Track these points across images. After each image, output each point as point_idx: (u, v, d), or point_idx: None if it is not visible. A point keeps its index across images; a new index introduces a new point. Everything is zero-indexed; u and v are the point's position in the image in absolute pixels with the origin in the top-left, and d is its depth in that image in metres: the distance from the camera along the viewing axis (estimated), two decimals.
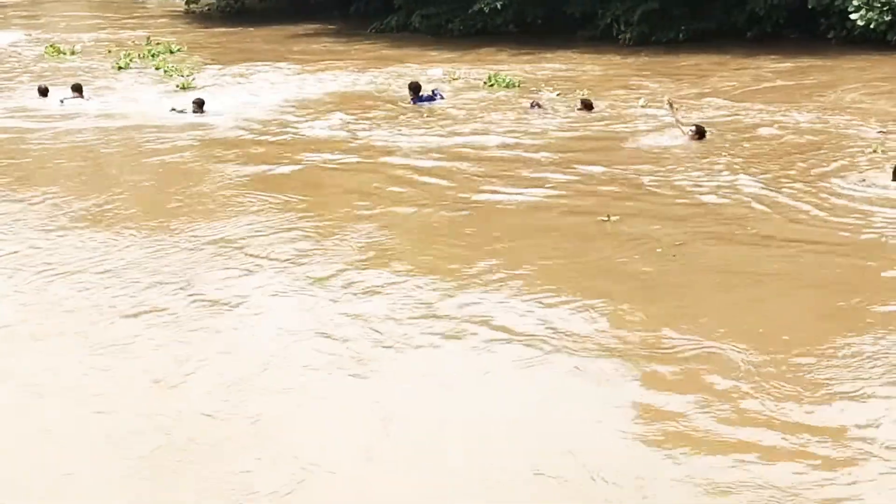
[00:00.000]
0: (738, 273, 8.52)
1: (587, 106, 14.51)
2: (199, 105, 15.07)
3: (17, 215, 10.67)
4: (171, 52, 20.19)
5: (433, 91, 15.72)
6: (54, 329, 7.84)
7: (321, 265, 8.84)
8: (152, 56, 19.88)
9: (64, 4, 30.55)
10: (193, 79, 17.46)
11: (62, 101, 16.04)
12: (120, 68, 19.32)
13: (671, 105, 13.21)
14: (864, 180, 10.90)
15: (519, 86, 16.69)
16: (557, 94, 15.56)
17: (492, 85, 16.58)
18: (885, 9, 18.14)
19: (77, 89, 16.41)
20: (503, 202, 10.70)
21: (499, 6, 21.86)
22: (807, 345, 6.93)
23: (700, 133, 12.82)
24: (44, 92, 16.64)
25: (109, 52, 21.28)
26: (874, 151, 12.19)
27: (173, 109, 15.06)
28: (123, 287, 8.55)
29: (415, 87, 15.55)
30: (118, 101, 16.79)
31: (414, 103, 15.41)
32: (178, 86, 17.20)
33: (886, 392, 6.41)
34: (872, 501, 5.32)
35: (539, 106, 14.65)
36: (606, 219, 9.93)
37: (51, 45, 21.77)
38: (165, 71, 18.30)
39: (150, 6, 29.26)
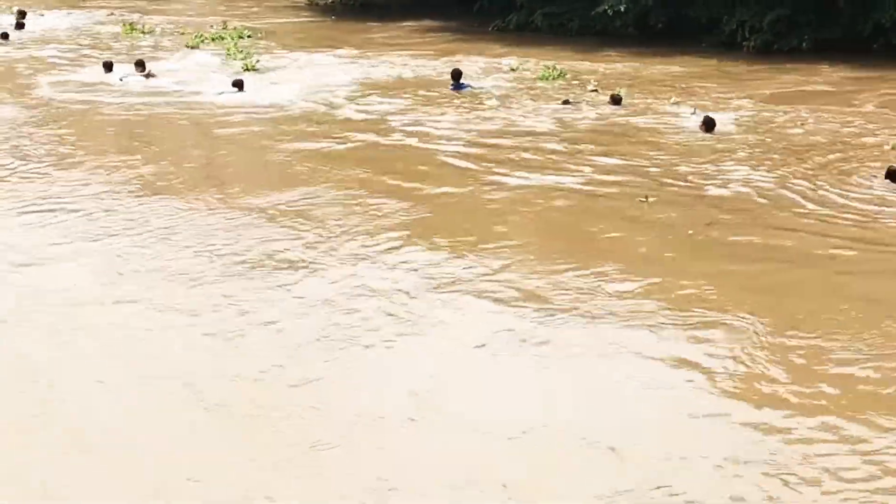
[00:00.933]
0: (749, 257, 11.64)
1: (615, 101, 17.87)
2: (239, 85, 19.36)
3: (83, 182, 14.55)
4: (241, 37, 24.82)
5: (469, 83, 20.05)
6: (119, 291, 10.59)
7: (363, 237, 12.04)
8: (213, 40, 25.02)
9: None
10: (257, 61, 21.79)
11: (121, 79, 20.68)
12: (188, 47, 24.76)
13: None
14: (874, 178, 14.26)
15: (566, 77, 20.96)
16: (593, 90, 18.96)
17: (546, 78, 20.18)
18: None
19: (140, 65, 21.03)
20: (533, 184, 14.29)
21: (622, 8, 25.08)
22: (819, 323, 9.65)
23: (708, 125, 15.96)
24: (109, 67, 21.41)
25: (182, 33, 26.18)
26: (893, 149, 15.52)
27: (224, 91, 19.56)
28: (183, 253, 11.56)
29: (456, 75, 19.61)
30: (181, 79, 22.05)
31: (453, 90, 19.14)
32: (242, 67, 21.64)
33: None
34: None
35: (569, 102, 18.10)
36: (644, 199, 13.37)
37: (129, 24, 26.85)
38: (229, 53, 22.81)
39: None
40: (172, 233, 12.26)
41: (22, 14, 30.11)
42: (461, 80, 20.27)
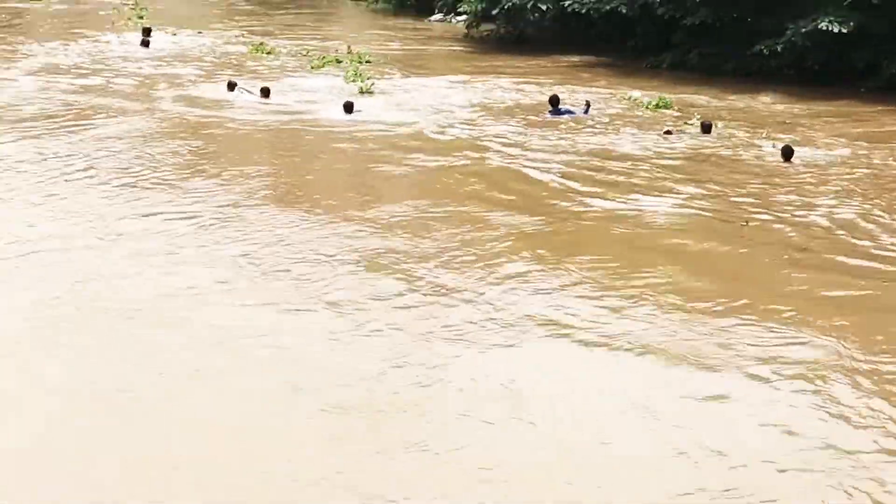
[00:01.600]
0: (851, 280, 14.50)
1: (705, 129, 21.22)
2: (349, 108, 23.38)
3: (207, 191, 18.18)
4: (361, 62, 30.04)
5: (569, 108, 24.09)
6: (239, 292, 13.62)
7: (461, 250, 15.19)
8: (331, 63, 29.83)
9: (353, 19, 41.53)
10: (372, 84, 26.40)
11: (242, 91, 25.06)
12: (312, 68, 29.99)
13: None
14: None
15: (671, 107, 25.30)
16: (694, 122, 23.23)
17: (654, 106, 25.19)
18: None
19: (265, 93, 26.34)
20: (626, 207, 17.59)
21: (778, 49, 28.20)
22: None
23: (786, 154, 20.50)
24: (231, 86, 25.81)
25: (306, 55, 31.20)
26: None
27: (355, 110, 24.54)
28: (299, 259, 14.77)
29: (553, 101, 23.39)
30: (300, 99, 26.85)
31: (551, 116, 22.60)
32: (358, 90, 26.32)
33: None
34: None
35: (670, 133, 21.84)
36: (745, 223, 16.60)
37: (256, 45, 31.66)
38: (347, 77, 27.60)
39: (434, 28, 39.58)
40: (289, 240, 15.59)
41: (147, 32, 35.34)
42: (560, 107, 24.03)
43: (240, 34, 36.79)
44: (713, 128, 22.77)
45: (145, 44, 34.24)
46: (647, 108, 25.36)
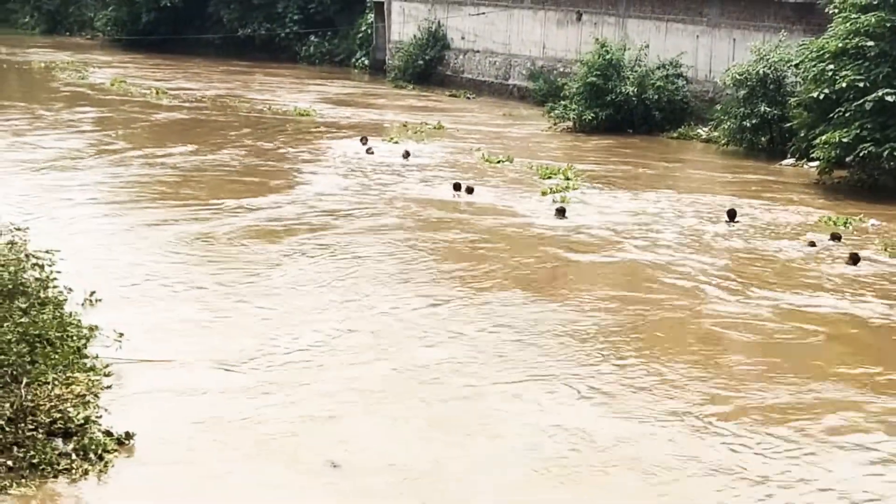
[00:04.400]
0: None
1: (835, 237, 28.00)
2: (561, 212, 30.13)
3: (455, 281, 23.60)
4: (570, 178, 35.58)
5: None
6: (486, 372, 18.35)
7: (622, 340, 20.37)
8: (547, 176, 35.94)
9: (696, 160, 43.39)
10: (565, 199, 32.26)
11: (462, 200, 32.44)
12: (541, 177, 35.98)
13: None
14: None
15: (847, 225, 30.11)
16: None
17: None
18: None
19: (468, 190, 32.76)
20: (749, 308, 22.59)
21: None
22: None
23: (853, 259, 25.65)
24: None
25: (530, 168, 37.55)
26: None
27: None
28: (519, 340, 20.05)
29: (731, 214, 30.49)
30: (504, 202, 32.59)
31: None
32: (553, 201, 32.13)
33: None
34: None
35: (814, 244, 27.76)
36: None
37: (486, 157, 38.83)
38: (548, 190, 33.74)
39: (785, 172, 40.09)
40: (515, 319, 21.09)
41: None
42: (736, 219, 30.26)
43: (478, 148, 40.87)
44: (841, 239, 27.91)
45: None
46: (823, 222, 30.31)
